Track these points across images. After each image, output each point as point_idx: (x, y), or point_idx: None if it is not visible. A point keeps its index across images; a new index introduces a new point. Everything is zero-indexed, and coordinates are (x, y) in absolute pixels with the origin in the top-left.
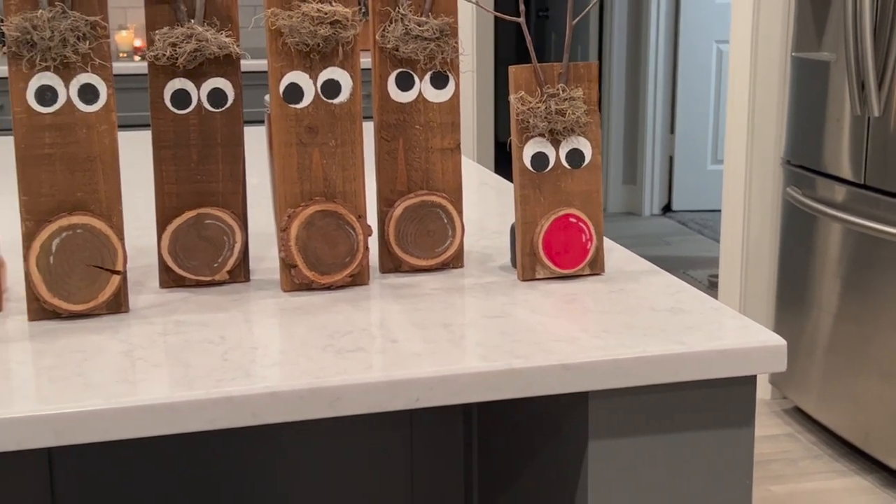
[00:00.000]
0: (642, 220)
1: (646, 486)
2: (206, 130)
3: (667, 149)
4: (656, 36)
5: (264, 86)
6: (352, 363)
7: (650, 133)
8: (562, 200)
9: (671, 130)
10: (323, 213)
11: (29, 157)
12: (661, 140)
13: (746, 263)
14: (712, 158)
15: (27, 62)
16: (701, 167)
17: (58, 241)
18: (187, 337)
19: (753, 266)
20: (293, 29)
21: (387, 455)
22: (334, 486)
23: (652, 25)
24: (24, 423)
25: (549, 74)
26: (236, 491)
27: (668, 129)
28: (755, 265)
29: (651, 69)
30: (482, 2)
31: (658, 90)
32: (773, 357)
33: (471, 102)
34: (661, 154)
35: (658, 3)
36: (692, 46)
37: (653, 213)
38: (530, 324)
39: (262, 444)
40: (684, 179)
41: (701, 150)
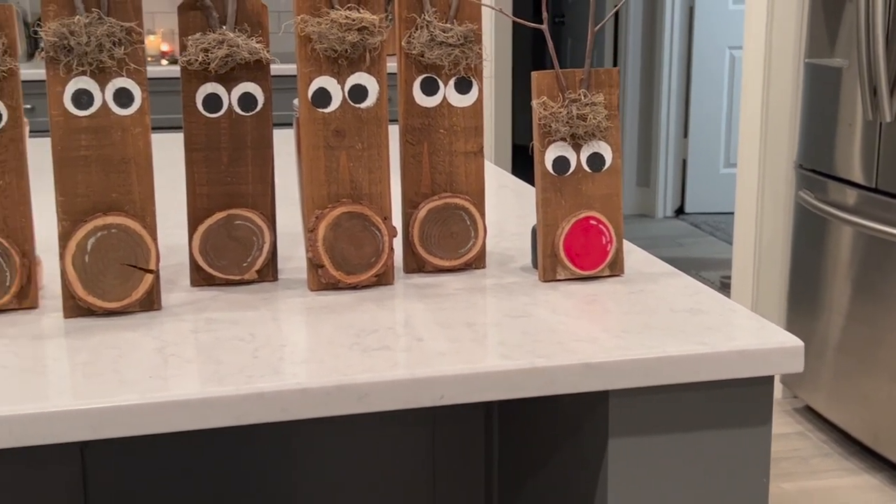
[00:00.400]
0: (655, 222)
1: (665, 484)
2: (237, 134)
3: (680, 152)
4: (670, 42)
5: (293, 90)
6: (378, 361)
7: (664, 137)
8: (582, 203)
9: (684, 134)
10: (349, 214)
11: (65, 159)
12: (675, 143)
13: (759, 265)
14: (725, 162)
15: (64, 67)
16: (713, 170)
17: (93, 241)
18: (218, 334)
19: (766, 268)
20: (322, 35)
21: (410, 451)
22: (358, 481)
23: (666, 32)
24: (61, 418)
25: (570, 80)
26: (262, 484)
27: (681, 133)
28: (767, 267)
29: (665, 74)
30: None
31: (672, 95)
32: (791, 358)
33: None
34: (674, 157)
35: (672, 9)
36: (705, 52)
37: (666, 216)
38: (552, 324)
39: (288, 439)
40: (697, 182)
41: (714, 153)
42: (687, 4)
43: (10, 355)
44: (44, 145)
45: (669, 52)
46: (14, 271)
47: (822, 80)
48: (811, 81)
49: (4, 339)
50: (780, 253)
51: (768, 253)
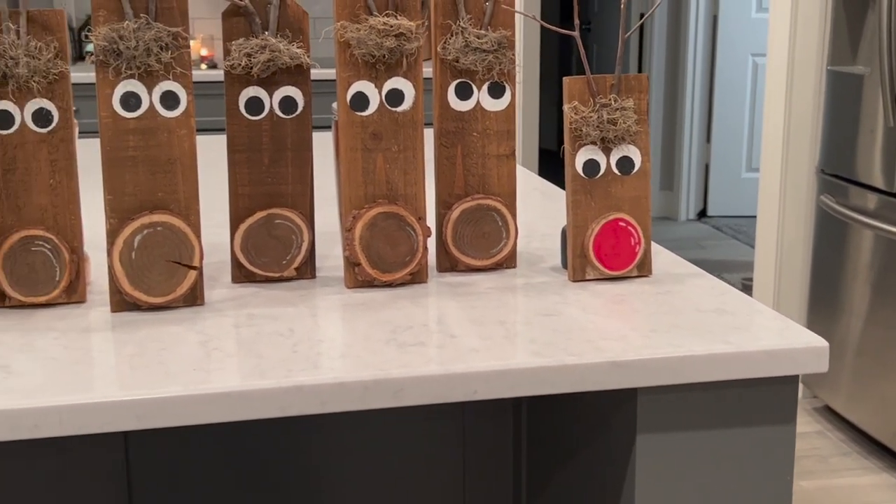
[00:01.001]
0: (678, 225)
1: (691, 480)
2: (277, 136)
3: (703, 157)
4: (694, 49)
5: (332, 94)
6: (413, 356)
7: (687, 141)
8: (612, 205)
9: (707, 139)
10: (385, 214)
11: (114, 159)
12: (698, 148)
13: (780, 268)
14: (747, 166)
15: (113, 70)
16: (735, 175)
17: (140, 238)
18: (259, 329)
19: (787, 270)
20: (361, 41)
21: (440, 445)
22: (390, 473)
23: (690, 39)
24: (108, 408)
25: (601, 85)
26: (296, 474)
27: (704, 138)
28: (788, 269)
29: (689, 81)
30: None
31: (695, 101)
32: (816, 358)
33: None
34: (697, 162)
35: (696, 17)
36: (728, 59)
37: (689, 218)
38: (581, 322)
39: (323, 430)
40: (719, 186)
41: (736, 158)
42: (710, 12)
43: (59, 348)
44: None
45: (693, 59)
46: (63, 267)
47: (845, 86)
48: (833, 88)
49: (54, 332)
50: (801, 256)
51: (789, 256)
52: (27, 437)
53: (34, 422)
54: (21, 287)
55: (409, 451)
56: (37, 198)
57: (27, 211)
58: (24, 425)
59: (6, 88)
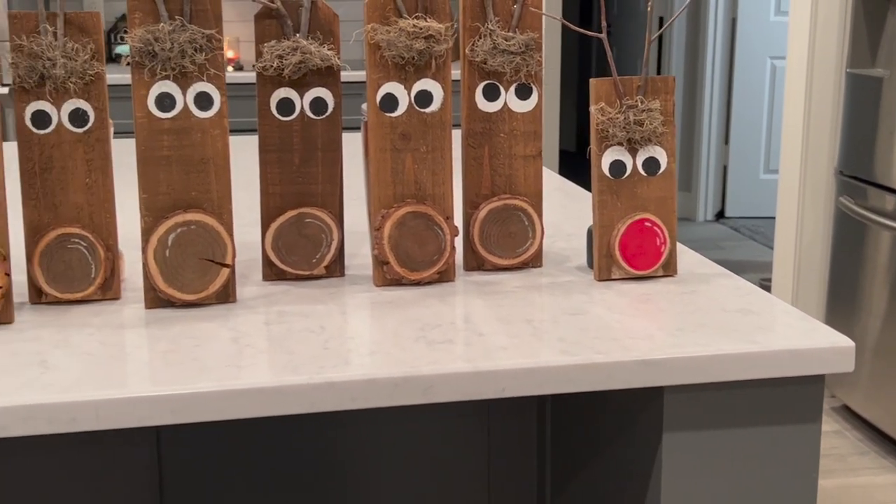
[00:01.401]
0: (697, 226)
1: (717, 477)
2: (308, 136)
3: (721, 158)
4: (713, 52)
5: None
6: (442, 354)
7: (706, 143)
8: (638, 206)
9: (725, 141)
10: (414, 214)
11: (148, 159)
12: (716, 150)
13: (799, 268)
14: (764, 168)
15: (149, 71)
16: (753, 176)
17: (173, 236)
18: (290, 326)
19: (805, 271)
20: (390, 43)
21: (465, 441)
22: (416, 469)
23: (709, 42)
24: (143, 403)
25: (628, 87)
26: (325, 468)
27: (722, 140)
28: (807, 270)
29: (707, 83)
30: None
31: (714, 103)
32: (842, 357)
33: None
34: (715, 163)
35: (715, 20)
36: (747, 62)
37: (707, 219)
38: (608, 321)
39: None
40: (737, 188)
41: (754, 160)
42: (729, 16)
43: (95, 343)
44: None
45: (712, 61)
46: (99, 264)
47: (864, 89)
48: (853, 91)
49: (90, 327)
50: (819, 256)
51: (808, 256)
52: (64, 431)
53: (71, 415)
54: (57, 284)
55: (435, 447)
56: (73, 196)
57: (64, 209)
58: (61, 419)
59: (43, 89)
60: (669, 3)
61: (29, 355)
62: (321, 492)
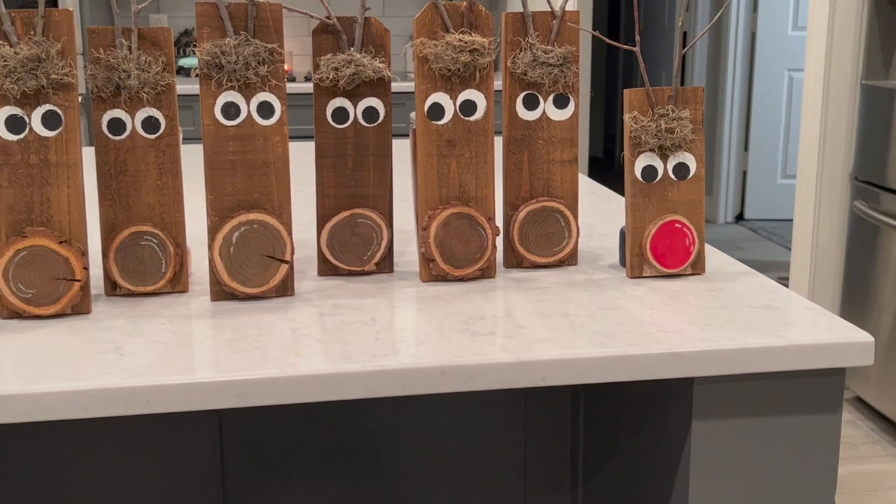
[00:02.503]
0: (717, 227)
1: (743, 463)
2: (361, 142)
3: (741, 164)
4: (734, 64)
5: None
6: (485, 345)
7: (726, 150)
8: (668, 208)
9: (745, 148)
10: (458, 215)
11: (215, 163)
12: (736, 156)
13: (815, 268)
14: (781, 173)
15: (215, 82)
16: (771, 181)
17: (238, 234)
18: (344, 318)
19: (821, 270)
20: (438, 56)
21: (503, 427)
22: (458, 452)
23: (730, 55)
24: (211, 388)
25: (659, 97)
26: (373, 450)
27: (742, 147)
28: (823, 269)
29: (728, 93)
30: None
31: (734, 112)
32: (862, 352)
33: None
34: (735, 168)
35: (736, 34)
36: (766, 74)
37: (727, 221)
38: (640, 316)
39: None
40: (756, 191)
41: (771, 165)
42: (749, 30)
43: (165, 332)
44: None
45: (732, 73)
46: (169, 259)
47: (878, 99)
48: (867, 101)
49: (160, 318)
50: (834, 257)
51: (824, 256)
52: (138, 413)
53: (145, 399)
54: (131, 277)
55: (474, 431)
56: (145, 197)
57: (137, 209)
58: (136, 402)
59: (119, 98)
60: (693, 18)
61: (105, 343)
62: (368, 470)
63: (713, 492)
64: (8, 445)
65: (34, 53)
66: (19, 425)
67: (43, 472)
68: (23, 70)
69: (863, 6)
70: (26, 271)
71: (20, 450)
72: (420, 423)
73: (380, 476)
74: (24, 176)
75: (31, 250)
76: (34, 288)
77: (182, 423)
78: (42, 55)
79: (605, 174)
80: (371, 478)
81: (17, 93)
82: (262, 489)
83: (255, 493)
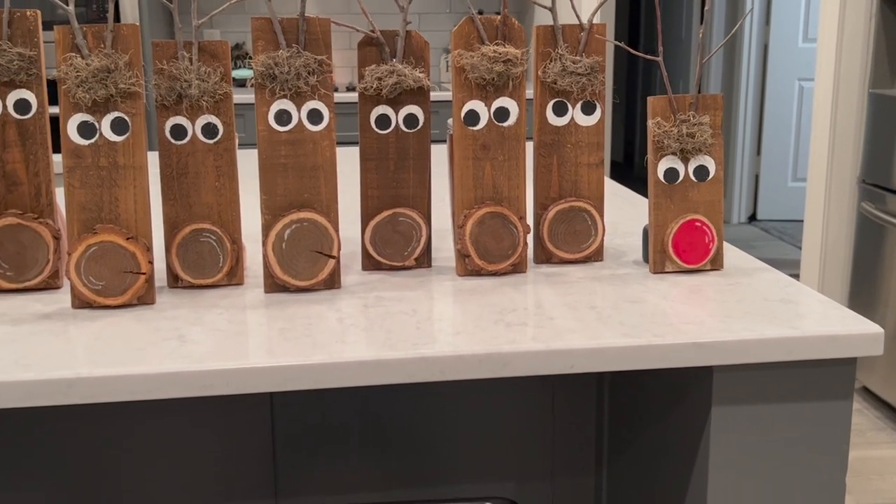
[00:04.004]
0: (731, 227)
1: (760, 447)
2: (402, 147)
3: (754, 168)
4: (747, 73)
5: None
6: (518, 334)
7: (740, 154)
8: (689, 208)
9: (758, 153)
10: (492, 214)
11: (269, 166)
12: (749, 160)
13: (824, 265)
14: (792, 177)
15: (269, 91)
16: (782, 184)
17: (289, 231)
18: (387, 309)
19: (830, 268)
20: (474, 66)
21: (532, 410)
22: (490, 434)
23: (744, 65)
24: (265, 372)
25: (681, 103)
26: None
27: (755, 152)
28: (831, 266)
29: (742, 101)
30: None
31: (747, 118)
32: (872, 342)
33: None
34: (748, 172)
35: (749, 46)
36: (777, 83)
37: (740, 221)
38: (663, 308)
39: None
40: (768, 194)
41: (782, 169)
42: (762, 42)
43: (223, 321)
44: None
45: (746, 81)
46: (226, 254)
47: (884, 107)
48: (874, 108)
49: (218, 308)
50: (842, 255)
51: (832, 254)
52: (199, 395)
53: (206, 382)
54: (191, 271)
55: (505, 414)
56: (205, 197)
57: (197, 208)
58: (197, 385)
59: (181, 106)
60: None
61: (169, 331)
62: (407, 449)
63: (731, 473)
64: (79, 424)
65: (104, 65)
66: (90, 406)
67: (112, 449)
68: (93, 80)
69: (870, 19)
70: (96, 265)
71: (91, 429)
72: (456, 406)
73: (418, 455)
74: (94, 177)
75: (100, 245)
76: (103, 280)
77: (237, 405)
78: (111, 66)
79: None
80: (409, 456)
81: (88, 101)
82: (311, 466)
83: (303, 470)
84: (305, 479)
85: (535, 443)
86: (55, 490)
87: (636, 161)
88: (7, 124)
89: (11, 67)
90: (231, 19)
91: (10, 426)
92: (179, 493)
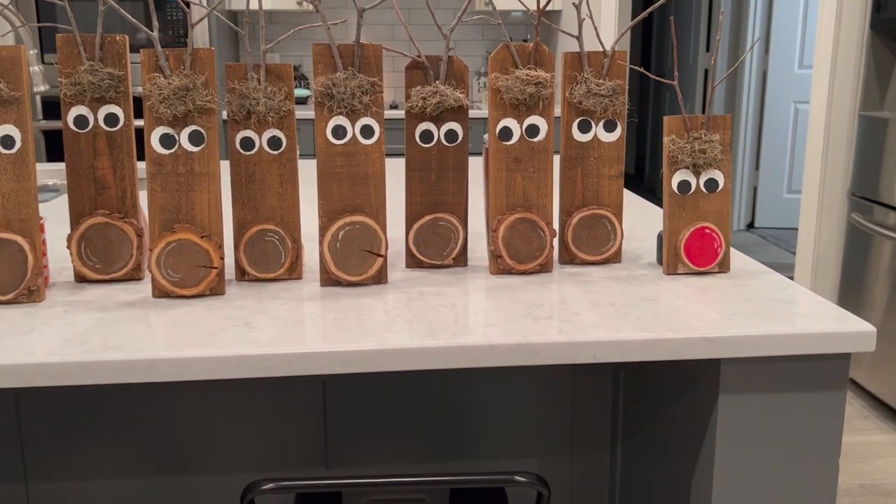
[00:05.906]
0: (732, 234)
1: (762, 432)
2: (442, 159)
3: (752, 181)
4: (748, 96)
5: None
6: (546, 327)
7: (740, 168)
8: (699, 216)
9: (756, 168)
10: (522, 219)
11: (326, 175)
12: (748, 174)
13: (816, 271)
14: (787, 189)
15: (327, 109)
16: (778, 195)
17: (343, 233)
18: (428, 303)
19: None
20: (508, 87)
21: (555, 395)
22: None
23: (744, 88)
24: (323, 357)
25: (694, 122)
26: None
27: (754, 167)
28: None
29: (742, 121)
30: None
31: (748, 137)
32: (865, 339)
33: None
34: (748, 184)
35: (750, 72)
36: (775, 105)
37: (740, 229)
38: (676, 306)
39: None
40: (765, 204)
41: (779, 182)
42: (761, 68)
43: (284, 311)
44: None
45: (747, 104)
46: (287, 252)
47: (873, 127)
48: (864, 129)
49: (280, 299)
50: (833, 261)
51: (824, 260)
52: (264, 376)
53: (270, 364)
54: (256, 266)
55: (531, 399)
56: (269, 201)
57: (262, 211)
58: (262, 367)
59: (249, 121)
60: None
61: (237, 319)
62: (444, 429)
63: (736, 454)
64: (154, 401)
65: (183, 84)
66: (168, 383)
67: (183, 422)
68: (174, 97)
69: (861, 48)
70: (174, 259)
71: (168, 402)
72: (488, 390)
73: (452, 434)
74: (173, 183)
75: (178, 243)
76: (180, 273)
77: (293, 387)
78: (189, 85)
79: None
80: (446, 436)
81: (169, 116)
82: (359, 444)
83: (352, 447)
84: (351, 452)
85: (558, 424)
86: (136, 455)
87: (646, 173)
88: (98, 135)
89: (102, 85)
90: (290, 44)
91: (99, 399)
92: (242, 462)
